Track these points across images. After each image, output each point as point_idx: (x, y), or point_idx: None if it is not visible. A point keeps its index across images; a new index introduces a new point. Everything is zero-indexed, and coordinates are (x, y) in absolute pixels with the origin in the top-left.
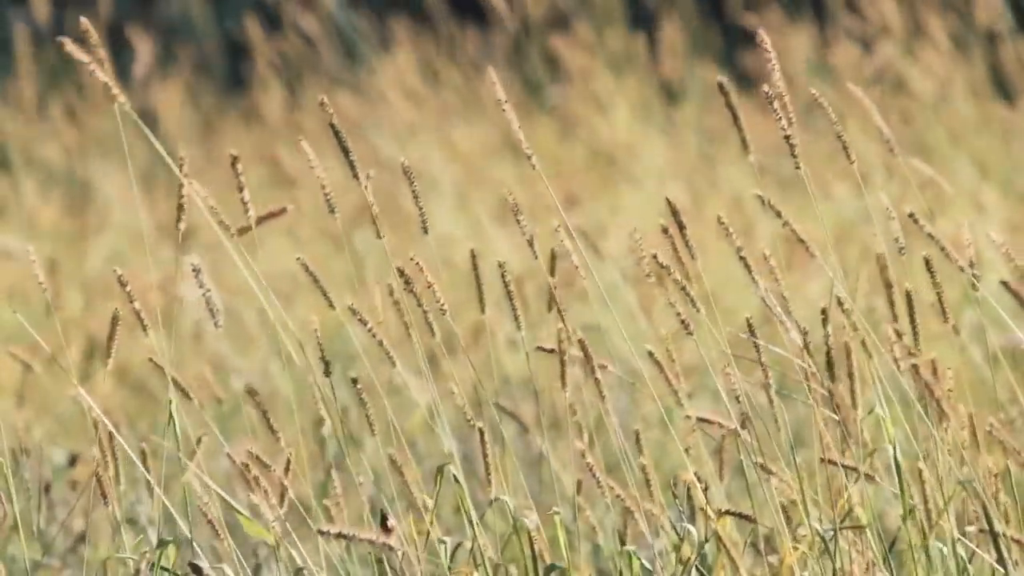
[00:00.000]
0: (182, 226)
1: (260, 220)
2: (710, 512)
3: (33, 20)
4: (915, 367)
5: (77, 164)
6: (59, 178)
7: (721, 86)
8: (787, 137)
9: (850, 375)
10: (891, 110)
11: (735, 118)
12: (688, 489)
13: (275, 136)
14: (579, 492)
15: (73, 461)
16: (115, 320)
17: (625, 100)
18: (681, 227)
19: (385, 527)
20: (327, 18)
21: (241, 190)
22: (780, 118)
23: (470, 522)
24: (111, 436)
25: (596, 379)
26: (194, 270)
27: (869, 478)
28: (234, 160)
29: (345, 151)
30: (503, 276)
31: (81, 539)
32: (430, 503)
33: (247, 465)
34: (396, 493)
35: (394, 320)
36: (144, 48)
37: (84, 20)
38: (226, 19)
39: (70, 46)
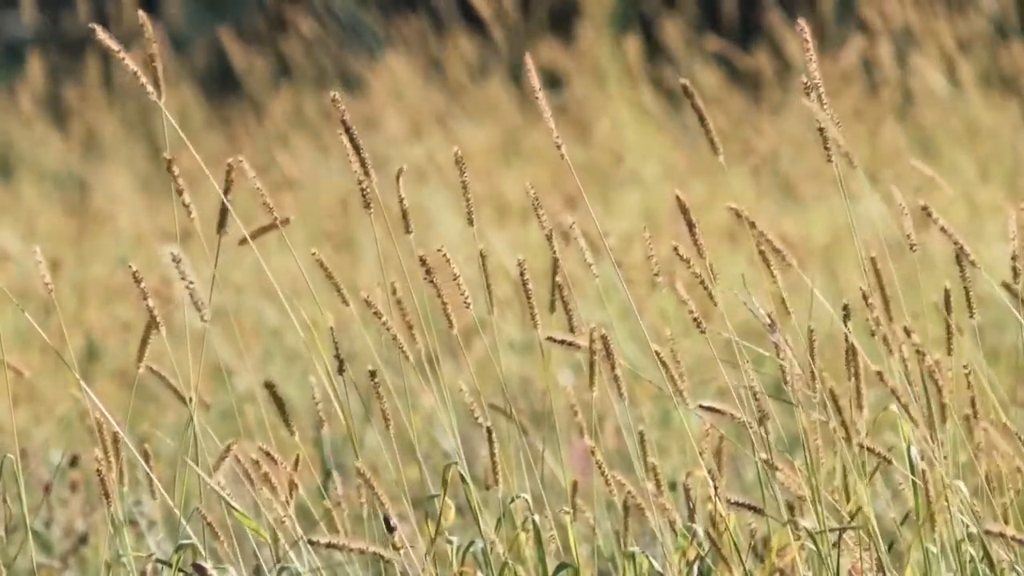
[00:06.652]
0: (225, 230)
1: (256, 233)
2: (720, 505)
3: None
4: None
5: (77, 165)
6: (59, 180)
7: (685, 88)
8: (821, 130)
9: (856, 375)
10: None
11: (702, 120)
12: (688, 489)
13: (275, 137)
14: (575, 493)
15: (74, 462)
16: (150, 325)
17: (625, 102)
18: (691, 226)
19: (388, 527)
20: (330, 16)
21: (226, 193)
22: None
23: (477, 521)
24: (115, 436)
25: (616, 377)
26: (174, 259)
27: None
28: (230, 169)
29: (357, 148)
30: (521, 273)
31: (82, 540)
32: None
33: (257, 462)
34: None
35: (396, 321)
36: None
37: (142, 13)
38: (225, 19)
39: (101, 34)
